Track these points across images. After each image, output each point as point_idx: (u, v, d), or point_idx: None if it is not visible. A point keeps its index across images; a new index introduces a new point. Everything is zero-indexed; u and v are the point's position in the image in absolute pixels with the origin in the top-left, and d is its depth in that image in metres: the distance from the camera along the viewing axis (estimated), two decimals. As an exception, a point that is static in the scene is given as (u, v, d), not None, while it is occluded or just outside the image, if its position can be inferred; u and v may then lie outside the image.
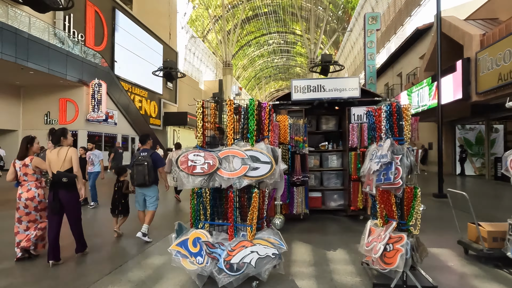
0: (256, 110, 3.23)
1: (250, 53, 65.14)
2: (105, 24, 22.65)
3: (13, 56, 13.25)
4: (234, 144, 3.24)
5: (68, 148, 3.97)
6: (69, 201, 3.92)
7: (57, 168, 3.87)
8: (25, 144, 4.16)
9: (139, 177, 4.72)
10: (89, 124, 18.37)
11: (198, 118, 3.25)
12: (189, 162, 3.16)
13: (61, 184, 3.81)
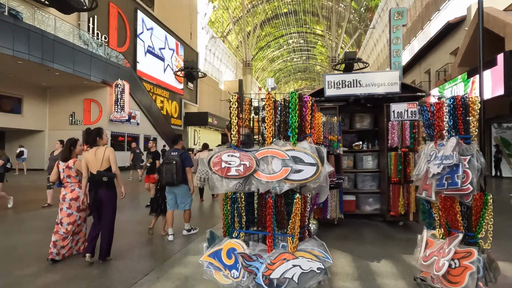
0: (297, 104, 2.84)
1: (269, 53, 64.80)
2: (128, 26, 22.87)
3: (40, 58, 13.43)
4: (273, 143, 2.88)
5: (105, 147, 4.00)
6: (107, 199, 3.93)
7: (96, 168, 3.88)
8: (69, 146, 4.30)
9: (168, 176, 4.78)
10: (112, 125, 18.51)
11: (233, 115, 2.90)
12: (222, 164, 2.82)
13: (102, 183, 3.85)
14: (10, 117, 16.77)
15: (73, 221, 4.17)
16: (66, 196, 4.16)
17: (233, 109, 2.90)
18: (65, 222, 4.14)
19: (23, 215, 7.08)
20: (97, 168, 3.89)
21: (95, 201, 3.90)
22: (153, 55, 26.32)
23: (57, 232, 4.12)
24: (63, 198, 4.18)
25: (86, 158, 3.94)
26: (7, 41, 12.11)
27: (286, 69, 75.77)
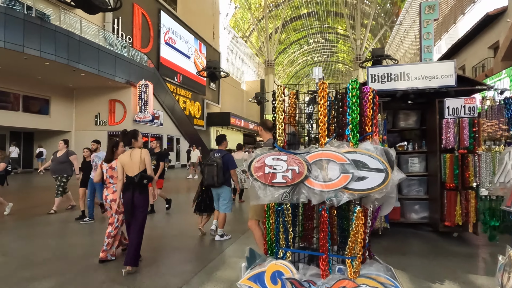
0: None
1: (290, 54, 64.04)
2: (151, 26, 22.90)
3: (66, 58, 13.48)
4: (327, 144, 2.36)
5: (141, 150, 3.90)
6: (140, 202, 3.83)
7: (132, 170, 3.79)
8: (111, 147, 4.38)
9: (209, 177, 4.79)
10: (136, 125, 18.49)
11: (278, 109, 2.40)
12: (266, 169, 2.33)
13: (136, 186, 3.77)
14: (38, 118, 17.05)
15: (112, 222, 4.17)
16: (107, 197, 4.25)
17: (278, 102, 2.40)
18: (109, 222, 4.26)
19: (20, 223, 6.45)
20: (133, 170, 3.79)
21: (129, 204, 3.79)
22: (176, 55, 26.29)
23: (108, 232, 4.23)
24: (105, 199, 4.28)
25: (121, 161, 3.83)
26: (34, 43, 12.20)
27: (306, 68, 74.70)
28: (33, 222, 6.41)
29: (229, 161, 4.94)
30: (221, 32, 40.50)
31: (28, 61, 12.82)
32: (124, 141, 4.06)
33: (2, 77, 14.78)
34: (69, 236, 5.58)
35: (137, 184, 3.75)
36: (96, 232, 5.63)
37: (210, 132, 32.65)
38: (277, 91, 2.39)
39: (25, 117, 16.33)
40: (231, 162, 4.96)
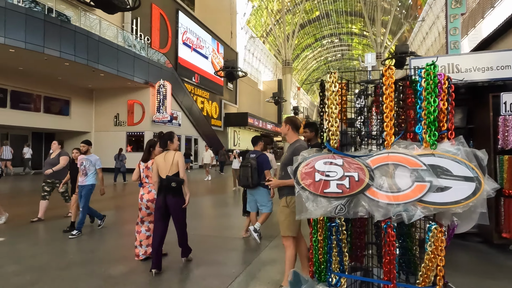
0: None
1: (308, 54, 63.25)
2: (169, 27, 22.83)
3: (85, 59, 13.43)
4: (394, 144, 1.89)
5: (175, 152, 3.91)
6: (176, 206, 3.80)
7: (165, 172, 3.80)
8: (148, 147, 4.34)
9: (243, 178, 4.79)
10: (154, 125, 18.39)
11: (331, 102, 1.95)
12: (316, 175, 1.89)
13: (170, 188, 3.75)
14: (59, 119, 17.16)
15: (151, 221, 4.24)
16: (143, 197, 4.22)
17: (331, 93, 1.95)
18: (146, 221, 4.25)
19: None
20: (166, 172, 3.79)
21: (162, 207, 3.79)
22: (193, 55, 26.17)
23: (140, 232, 4.22)
24: (141, 198, 4.24)
25: (156, 162, 3.88)
26: (54, 43, 12.16)
27: (320, 68, 73.72)
28: (16, 233, 5.57)
29: (264, 161, 4.86)
30: (238, 32, 40.27)
31: (49, 61, 12.82)
32: (160, 143, 4.05)
33: (24, 78, 14.91)
34: (54, 255, 4.56)
35: (170, 187, 3.75)
36: (84, 250, 4.78)
37: (228, 132, 32.39)
38: (329, 79, 1.94)
39: (47, 118, 16.45)
40: (266, 162, 4.87)
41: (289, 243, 2.99)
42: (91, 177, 5.47)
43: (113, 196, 10.12)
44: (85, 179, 5.42)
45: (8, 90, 14.58)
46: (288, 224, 2.93)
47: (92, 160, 5.53)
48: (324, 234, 2.01)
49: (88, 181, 5.43)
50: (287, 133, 3.20)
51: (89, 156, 5.59)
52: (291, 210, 2.89)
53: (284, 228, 2.98)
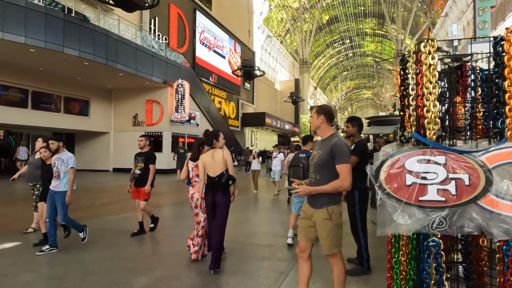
0: None
1: (325, 54, 62.34)
2: (187, 26, 22.65)
3: (104, 58, 13.30)
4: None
5: (223, 150, 3.87)
6: (222, 203, 3.76)
7: (213, 171, 3.76)
8: (198, 146, 4.28)
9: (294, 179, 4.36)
10: (173, 126, 18.19)
11: (428, 79, 1.48)
12: (407, 178, 1.42)
13: (218, 186, 3.71)
14: (79, 119, 17.18)
15: (199, 221, 4.17)
16: (194, 196, 4.20)
17: (427, 68, 1.47)
18: (196, 221, 4.22)
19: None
20: (214, 170, 3.75)
21: (211, 205, 3.76)
22: (211, 55, 25.95)
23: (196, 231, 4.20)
24: (191, 197, 4.23)
25: (203, 161, 3.84)
26: (74, 43, 12.06)
27: (334, 69, 72.52)
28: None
29: None
30: (255, 31, 39.91)
31: (68, 61, 12.75)
32: (206, 141, 4.04)
33: (44, 79, 14.95)
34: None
35: (219, 185, 3.70)
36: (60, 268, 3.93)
37: (245, 132, 32.03)
38: (423, 48, 1.47)
39: (67, 118, 16.48)
40: None
41: (336, 259, 2.49)
42: (65, 180, 4.53)
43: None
44: (58, 183, 4.49)
45: (29, 90, 14.63)
46: (332, 239, 2.45)
47: (64, 158, 4.57)
48: (410, 254, 1.53)
49: (62, 185, 4.51)
50: (320, 126, 2.66)
51: (62, 154, 4.64)
52: (334, 222, 2.45)
53: (328, 245, 2.45)
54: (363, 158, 3.65)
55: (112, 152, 18.92)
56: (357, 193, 3.68)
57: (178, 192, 11.12)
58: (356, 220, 3.70)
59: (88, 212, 7.31)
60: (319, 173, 2.54)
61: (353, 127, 3.87)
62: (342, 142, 2.48)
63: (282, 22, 48.84)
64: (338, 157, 2.39)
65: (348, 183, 2.35)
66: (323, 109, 2.67)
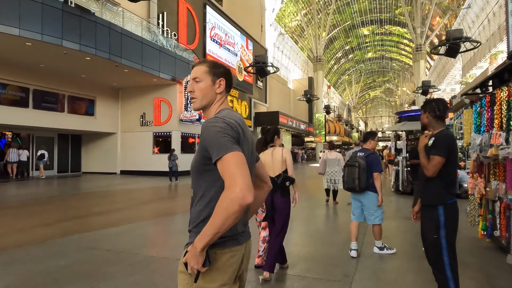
0: None
1: (340, 52, 60.74)
2: (197, 22, 21.66)
3: (107, 53, 12.37)
4: None
5: (282, 148, 3.64)
6: (283, 205, 3.49)
7: (272, 170, 3.51)
8: (260, 146, 3.94)
9: (348, 180, 4.19)
10: (182, 125, 17.19)
11: None
12: None
13: (278, 187, 3.42)
14: (84, 119, 16.37)
15: (265, 226, 3.81)
16: None
17: None
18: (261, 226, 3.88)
19: None
20: (273, 170, 3.54)
21: (271, 208, 3.51)
22: (222, 52, 24.92)
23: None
24: None
25: (262, 160, 3.34)
26: (73, 35, 11.16)
27: (347, 65, 70.75)
28: None
29: (374, 162, 4.20)
30: (267, 28, 38.77)
31: (68, 56, 11.87)
32: (267, 138, 3.75)
33: (46, 77, 14.17)
34: None
35: (279, 186, 3.44)
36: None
37: (258, 132, 30.90)
38: None
39: (71, 118, 15.68)
40: (376, 163, 4.20)
41: None
42: None
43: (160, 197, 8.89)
44: None
45: (30, 89, 13.86)
46: None
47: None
48: None
49: None
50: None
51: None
52: None
53: None
54: (452, 157, 2.43)
55: (119, 154, 18.06)
56: (442, 211, 2.49)
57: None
58: (441, 251, 2.48)
59: (81, 224, 6.28)
60: None
61: (425, 113, 2.68)
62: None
63: (295, 18, 47.55)
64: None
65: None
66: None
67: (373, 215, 4.21)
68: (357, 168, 4.09)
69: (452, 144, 2.47)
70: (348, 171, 4.20)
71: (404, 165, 9.64)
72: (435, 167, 2.40)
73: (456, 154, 2.51)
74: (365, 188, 4.14)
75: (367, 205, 4.25)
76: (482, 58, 36.58)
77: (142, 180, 14.84)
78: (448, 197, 2.49)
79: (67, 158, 18.01)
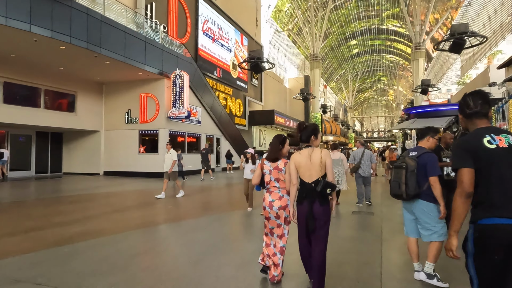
0: None
1: (337, 51, 59.83)
2: (188, 15, 20.48)
3: (84, 41, 11.17)
4: None
5: (321, 149, 3.09)
6: (323, 216, 3.00)
7: (309, 175, 3.04)
8: (277, 144, 3.51)
9: (394, 185, 3.33)
10: (171, 123, 16.01)
11: None
12: None
13: (317, 195, 2.98)
14: (63, 116, 15.12)
15: (281, 234, 3.40)
16: (273, 204, 3.35)
17: None
18: (276, 233, 3.40)
19: None
20: (310, 175, 3.04)
21: (307, 218, 3.00)
22: (216, 47, 23.75)
23: (268, 245, 3.44)
24: (269, 205, 3.37)
25: (297, 161, 3.10)
26: (44, 20, 9.94)
27: (345, 65, 69.96)
28: None
29: (429, 163, 3.25)
30: (263, 25, 37.66)
31: (40, 44, 10.67)
32: (302, 137, 3.18)
33: (18, 68, 12.93)
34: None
35: (318, 194, 2.97)
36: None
37: (253, 132, 29.78)
38: None
39: (49, 114, 14.44)
40: (432, 165, 3.23)
41: None
42: None
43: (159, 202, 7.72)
44: None
45: (0, 81, 12.60)
46: None
47: None
48: None
49: None
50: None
51: None
52: None
53: None
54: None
55: (103, 153, 16.84)
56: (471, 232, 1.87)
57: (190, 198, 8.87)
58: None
59: (53, 235, 5.15)
60: None
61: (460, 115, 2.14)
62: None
63: (292, 15, 46.51)
64: None
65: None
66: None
67: (429, 230, 3.27)
68: (404, 170, 3.27)
69: (466, 150, 1.88)
70: (395, 173, 3.40)
71: (414, 167, 8.56)
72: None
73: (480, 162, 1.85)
74: (415, 196, 3.27)
75: (420, 217, 3.35)
76: (482, 57, 35.79)
77: (126, 182, 13.64)
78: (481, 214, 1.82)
79: (47, 158, 16.75)
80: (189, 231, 5.68)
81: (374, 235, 5.22)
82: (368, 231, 5.56)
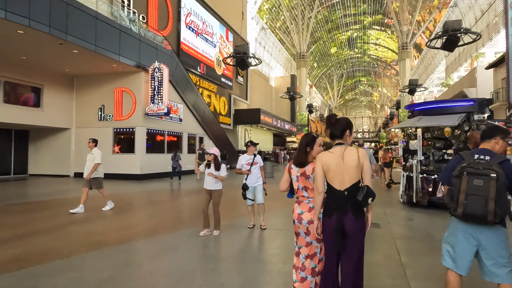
0: None
1: (323, 50, 59.40)
2: (170, 6, 19.16)
3: (47, 25, 9.78)
4: None
5: (357, 149, 2.47)
6: (356, 232, 2.40)
7: (340, 180, 2.43)
8: (304, 145, 2.77)
9: (474, 201, 2.17)
10: (149, 120, 14.69)
11: None
12: None
13: (352, 205, 2.38)
14: (27, 112, 13.56)
15: (312, 253, 2.71)
16: (302, 216, 2.73)
17: None
18: (302, 254, 2.74)
19: None
20: (342, 180, 2.42)
21: (337, 233, 2.38)
22: (199, 42, 22.49)
23: (298, 267, 2.75)
24: (298, 218, 2.75)
25: (325, 163, 2.46)
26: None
27: (330, 64, 69.83)
28: None
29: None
30: (249, 22, 36.57)
31: (-6, 27, 9.22)
32: (334, 131, 2.53)
33: (-27, 57, 11.39)
34: None
35: (354, 204, 2.37)
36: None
37: (238, 131, 28.66)
38: None
39: (9, 109, 12.87)
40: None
41: None
42: None
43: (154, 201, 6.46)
44: None
45: (-52, 70, 11.04)
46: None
47: None
48: None
49: None
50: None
51: None
52: None
53: None
54: None
55: (73, 153, 15.35)
56: None
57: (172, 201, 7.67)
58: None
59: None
60: None
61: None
62: None
63: (279, 13, 45.62)
64: None
65: None
66: None
67: (504, 267, 2.25)
68: (494, 182, 2.14)
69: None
70: (474, 184, 2.22)
71: (419, 170, 7.67)
72: None
73: None
74: (503, 220, 2.27)
75: (494, 248, 2.29)
76: (468, 58, 35.84)
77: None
78: None
79: (10, 158, 15.12)
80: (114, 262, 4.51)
81: (391, 258, 4.20)
82: (381, 252, 4.49)
